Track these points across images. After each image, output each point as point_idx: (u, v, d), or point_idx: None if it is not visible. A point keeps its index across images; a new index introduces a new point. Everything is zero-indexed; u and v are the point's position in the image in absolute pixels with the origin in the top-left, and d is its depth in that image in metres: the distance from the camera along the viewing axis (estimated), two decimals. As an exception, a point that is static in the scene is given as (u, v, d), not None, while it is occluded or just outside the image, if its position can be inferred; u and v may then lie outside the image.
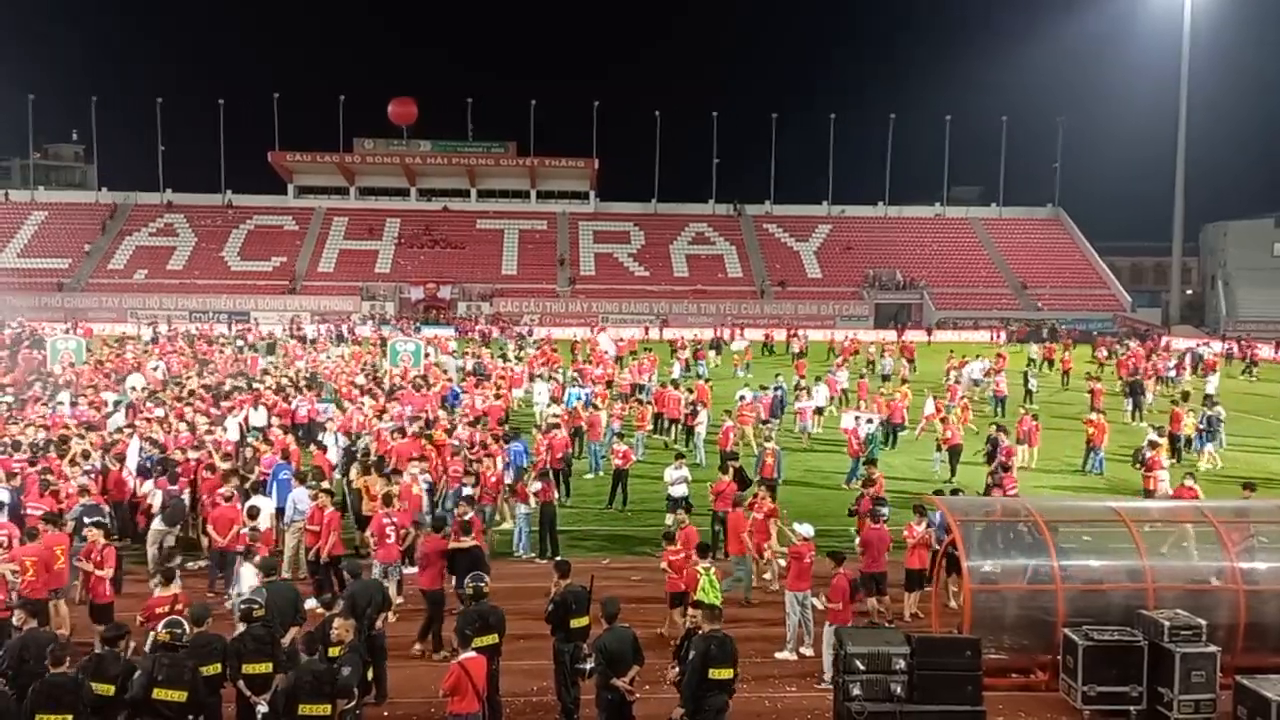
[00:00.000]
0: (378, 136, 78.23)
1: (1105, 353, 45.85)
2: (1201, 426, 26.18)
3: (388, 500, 14.90)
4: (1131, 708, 11.26)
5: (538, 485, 17.07)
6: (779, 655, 12.86)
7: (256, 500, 15.37)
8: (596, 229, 77.15)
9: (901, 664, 10.68)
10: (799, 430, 27.77)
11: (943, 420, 24.71)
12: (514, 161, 78.58)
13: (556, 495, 18.65)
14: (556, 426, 22.25)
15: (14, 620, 10.70)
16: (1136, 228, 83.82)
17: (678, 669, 9.83)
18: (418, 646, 12.82)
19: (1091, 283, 73.91)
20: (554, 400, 28.45)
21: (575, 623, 10.90)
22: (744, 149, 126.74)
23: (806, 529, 13.94)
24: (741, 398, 28.08)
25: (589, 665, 10.20)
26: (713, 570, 12.57)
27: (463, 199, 79.85)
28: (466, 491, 16.32)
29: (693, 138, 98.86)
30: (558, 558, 13.99)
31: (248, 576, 12.19)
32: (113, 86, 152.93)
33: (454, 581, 12.98)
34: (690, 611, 10.44)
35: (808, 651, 12.95)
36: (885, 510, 14.87)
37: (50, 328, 49.75)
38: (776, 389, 29.57)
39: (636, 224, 77.73)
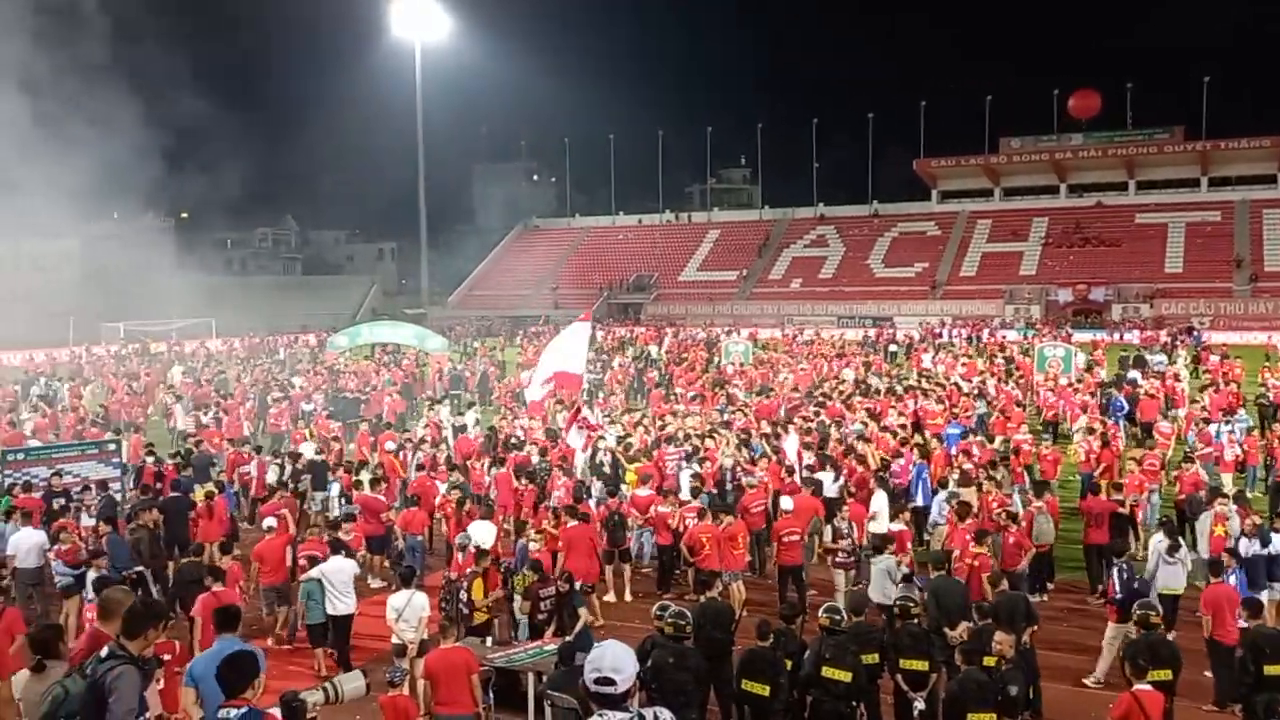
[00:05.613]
0: (1024, 134, 75.77)
1: None
2: None
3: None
4: None
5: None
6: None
7: (875, 500, 15.54)
8: (1288, 216, 66.22)
9: None
10: None
11: None
12: (1181, 147, 70.47)
13: None
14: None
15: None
16: None
17: None
18: None
19: None
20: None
21: (1270, 670, 9.34)
22: None
23: None
24: None
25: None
26: None
27: (1119, 192, 73.73)
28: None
29: None
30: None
31: None
32: (774, 113, 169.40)
33: None
34: None
35: None
36: None
37: (721, 333, 56.79)
38: None
39: (1345, 206, 65.16)
